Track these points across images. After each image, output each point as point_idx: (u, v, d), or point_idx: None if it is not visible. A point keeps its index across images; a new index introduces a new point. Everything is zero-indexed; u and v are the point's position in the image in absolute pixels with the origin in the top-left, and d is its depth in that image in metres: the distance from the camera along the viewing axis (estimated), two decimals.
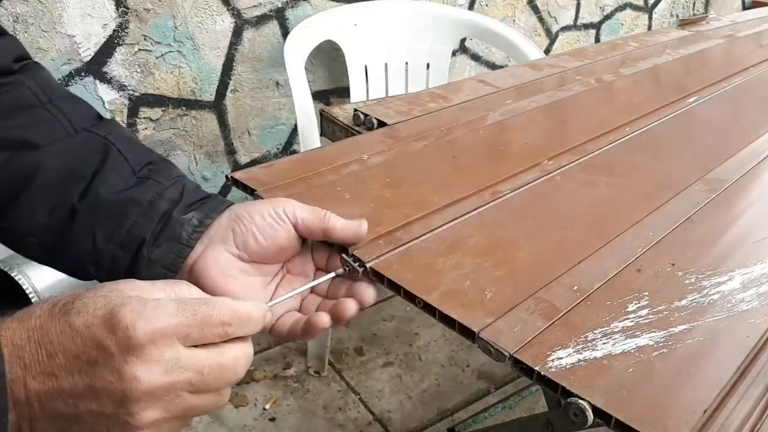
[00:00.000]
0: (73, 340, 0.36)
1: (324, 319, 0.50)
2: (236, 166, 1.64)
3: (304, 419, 1.39)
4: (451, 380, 1.53)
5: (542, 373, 0.44)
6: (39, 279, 1.23)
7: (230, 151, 1.62)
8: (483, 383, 1.53)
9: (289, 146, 1.71)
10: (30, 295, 1.22)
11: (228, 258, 0.52)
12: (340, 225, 0.53)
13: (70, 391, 0.36)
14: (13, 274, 1.22)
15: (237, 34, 1.50)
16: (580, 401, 0.42)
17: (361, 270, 0.53)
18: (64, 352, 0.36)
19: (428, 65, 1.68)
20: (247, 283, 0.53)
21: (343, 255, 0.54)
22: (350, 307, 0.51)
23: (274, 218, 0.52)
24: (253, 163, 1.68)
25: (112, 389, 0.36)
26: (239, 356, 0.40)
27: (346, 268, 0.54)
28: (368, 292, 0.53)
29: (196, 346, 0.39)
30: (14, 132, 0.52)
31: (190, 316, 0.38)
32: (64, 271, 0.54)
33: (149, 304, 0.38)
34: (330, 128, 0.91)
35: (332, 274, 0.53)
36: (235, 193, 1.61)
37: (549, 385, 0.43)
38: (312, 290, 0.56)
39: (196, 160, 1.57)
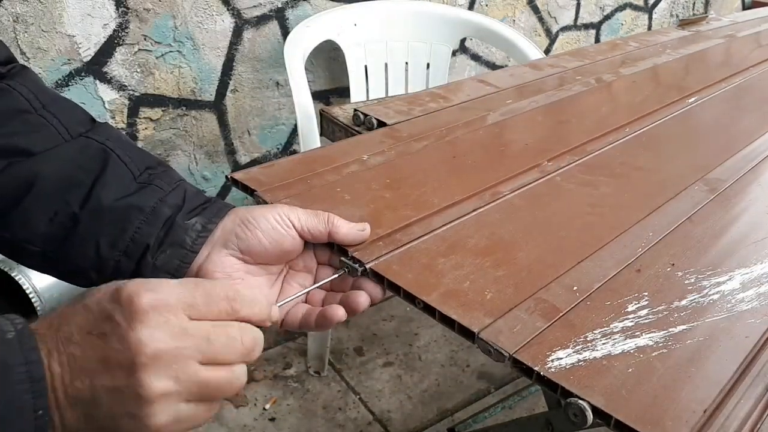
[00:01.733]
0: (86, 316, 0.38)
1: (339, 312, 0.51)
2: (236, 166, 1.64)
3: (304, 419, 1.39)
4: (451, 380, 1.52)
5: (542, 373, 0.44)
6: (39, 279, 1.23)
7: (230, 151, 1.62)
8: (483, 383, 1.53)
9: (289, 146, 1.71)
10: (30, 295, 1.22)
11: (232, 261, 0.53)
12: (344, 230, 0.54)
13: (86, 369, 0.37)
14: (13, 274, 1.22)
15: (237, 34, 1.50)
16: (580, 401, 0.42)
17: (360, 271, 0.53)
18: (78, 330, 0.37)
19: (428, 65, 1.68)
20: (254, 283, 0.54)
21: (342, 258, 0.55)
22: (362, 300, 0.52)
23: (279, 223, 0.53)
24: (253, 163, 1.68)
25: (121, 357, 0.37)
26: (246, 330, 0.41)
27: (346, 270, 0.54)
28: (375, 288, 0.54)
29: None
30: (9, 139, 0.51)
31: (193, 287, 0.39)
32: (63, 279, 0.54)
33: (154, 280, 0.39)
34: (330, 128, 0.91)
35: (341, 272, 0.54)
36: (235, 193, 1.62)
37: (549, 385, 0.44)
38: (315, 283, 0.57)
39: (196, 160, 1.57)
